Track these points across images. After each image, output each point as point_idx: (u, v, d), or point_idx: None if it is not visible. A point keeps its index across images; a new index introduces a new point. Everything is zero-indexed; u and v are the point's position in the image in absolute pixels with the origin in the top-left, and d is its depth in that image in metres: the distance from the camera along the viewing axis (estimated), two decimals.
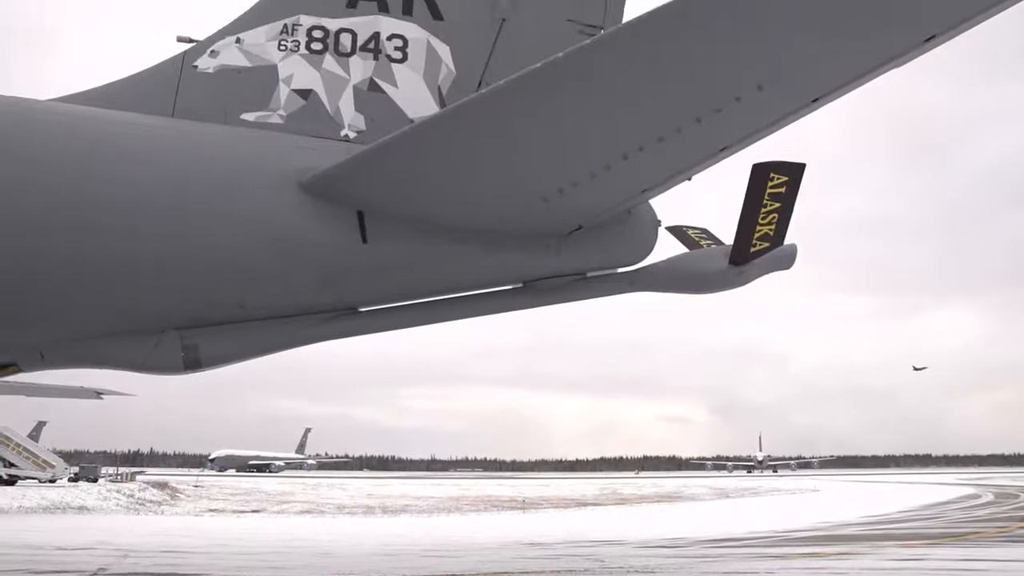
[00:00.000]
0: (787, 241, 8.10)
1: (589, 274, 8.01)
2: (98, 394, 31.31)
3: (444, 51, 8.10)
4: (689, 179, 7.39)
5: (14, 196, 6.75)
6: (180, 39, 8.02)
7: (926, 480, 72.82)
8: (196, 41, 7.99)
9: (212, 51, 7.91)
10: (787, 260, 8.76)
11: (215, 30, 8.06)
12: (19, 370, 7.91)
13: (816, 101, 6.28)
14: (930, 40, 5.81)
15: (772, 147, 7.13)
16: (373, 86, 7.98)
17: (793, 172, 7.44)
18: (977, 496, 36.57)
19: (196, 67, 7.85)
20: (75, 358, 7.83)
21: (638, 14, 5.91)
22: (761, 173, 7.36)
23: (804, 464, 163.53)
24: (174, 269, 7.08)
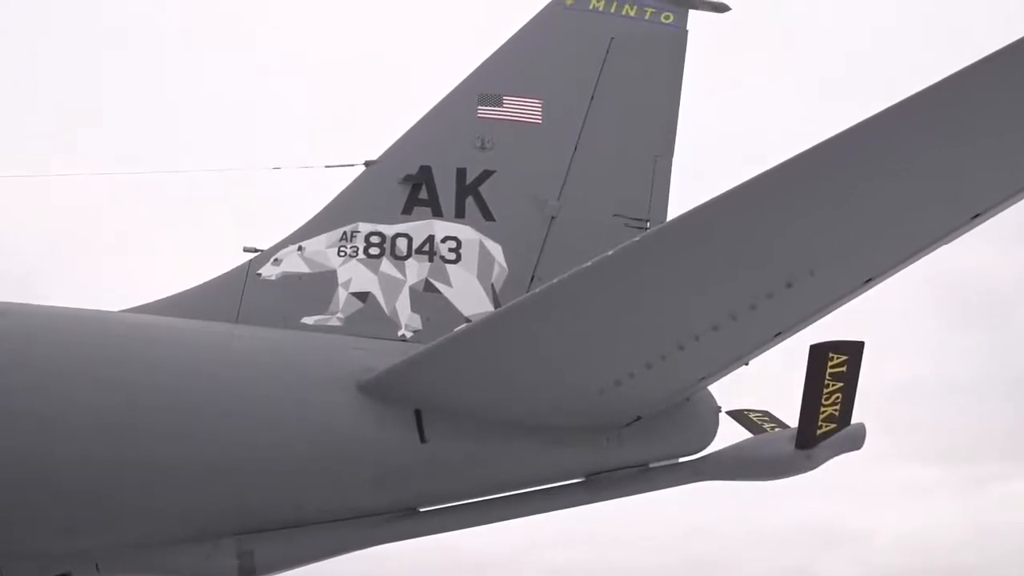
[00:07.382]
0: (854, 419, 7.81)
1: (651, 465, 7.81)
2: None
3: (496, 250, 8.40)
4: (746, 364, 7.35)
5: (77, 403, 6.94)
6: (246, 249, 8.51)
7: None
8: (261, 251, 8.44)
9: (275, 259, 8.32)
10: (856, 440, 8.36)
11: (279, 239, 8.53)
12: None
13: (869, 282, 6.37)
14: (976, 218, 5.94)
15: (829, 323, 7.10)
16: (429, 287, 8.24)
17: (852, 351, 7.29)
18: None
19: (260, 275, 8.24)
20: (129, 567, 7.70)
21: (683, 210, 6.15)
22: (820, 354, 7.23)
23: None
24: (233, 473, 7.11)
